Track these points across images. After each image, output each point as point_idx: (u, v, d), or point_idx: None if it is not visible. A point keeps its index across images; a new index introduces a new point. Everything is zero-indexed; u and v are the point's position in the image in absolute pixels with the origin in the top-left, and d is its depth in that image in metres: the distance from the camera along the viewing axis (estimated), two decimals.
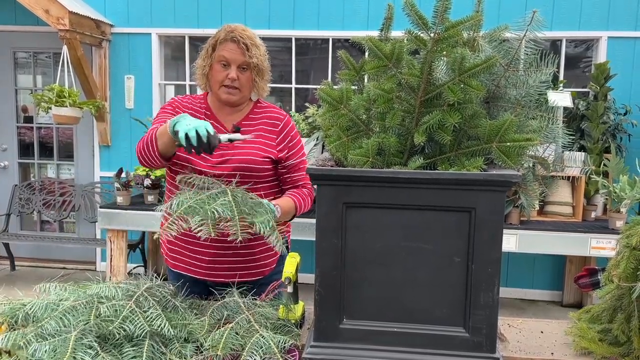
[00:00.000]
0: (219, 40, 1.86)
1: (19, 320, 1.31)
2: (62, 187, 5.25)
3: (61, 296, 1.38)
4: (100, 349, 1.22)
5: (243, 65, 1.85)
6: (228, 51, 1.84)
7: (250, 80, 1.88)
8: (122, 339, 1.27)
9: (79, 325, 1.24)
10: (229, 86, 1.85)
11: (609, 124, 4.24)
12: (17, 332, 1.24)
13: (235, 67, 1.84)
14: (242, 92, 1.89)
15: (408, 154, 1.34)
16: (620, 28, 4.51)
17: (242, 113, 1.95)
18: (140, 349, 1.24)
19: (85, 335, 1.23)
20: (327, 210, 1.27)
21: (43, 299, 1.35)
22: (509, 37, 1.39)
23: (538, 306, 4.74)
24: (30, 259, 5.47)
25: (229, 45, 1.84)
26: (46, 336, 1.21)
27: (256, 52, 1.85)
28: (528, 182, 1.50)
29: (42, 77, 5.42)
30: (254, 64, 1.85)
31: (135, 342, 1.27)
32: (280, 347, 1.32)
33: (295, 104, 5.03)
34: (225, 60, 1.84)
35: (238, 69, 1.85)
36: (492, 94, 1.41)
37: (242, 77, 1.86)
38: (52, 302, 1.33)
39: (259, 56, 1.86)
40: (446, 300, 1.27)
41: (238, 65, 1.85)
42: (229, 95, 1.87)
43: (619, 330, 1.42)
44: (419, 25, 1.26)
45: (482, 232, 1.23)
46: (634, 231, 1.42)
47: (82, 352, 1.18)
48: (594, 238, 3.79)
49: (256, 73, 1.88)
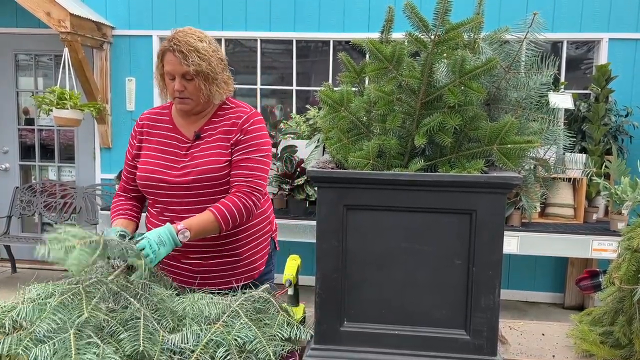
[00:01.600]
0: (163, 51, 1.78)
1: (7, 325, 1.27)
2: (63, 189, 5.25)
3: (46, 293, 1.35)
4: (100, 341, 1.21)
5: (185, 74, 1.75)
6: (168, 63, 1.76)
7: (198, 88, 1.77)
8: (116, 325, 1.26)
9: (73, 320, 1.23)
10: (179, 97, 1.79)
11: (610, 125, 4.23)
12: (11, 337, 1.21)
13: (178, 78, 1.76)
14: (195, 100, 1.79)
15: (409, 156, 1.34)
16: (622, 30, 4.50)
17: (205, 118, 1.87)
18: (136, 332, 1.24)
19: (82, 331, 1.21)
20: (327, 213, 1.27)
21: (28, 301, 1.32)
22: (510, 39, 1.39)
23: (539, 308, 4.73)
24: (32, 261, 5.47)
25: (168, 57, 1.76)
26: (42, 338, 1.20)
27: (195, 58, 1.72)
28: (529, 184, 1.50)
29: (43, 80, 5.43)
30: (196, 72, 1.73)
31: (130, 325, 1.27)
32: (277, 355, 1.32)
33: (296, 106, 5.03)
34: (169, 72, 1.77)
35: (182, 79, 1.76)
36: (493, 96, 1.41)
37: (188, 86, 1.76)
38: (38, 302, 1.30)
39: (199, 62, 1.72)
40: (447, 302, 1.27)
41: (181, 75, 1.75)
42: (182, 105, 1.81)
43: (620, 332, 1.42)
44: (420, 27, 1.26)
45: (482, 235, 1.23)
46: (635, 233, 1.42)
47: (85, 350, 1.17)
48: (596, 240, 3.78)
49: (204, 79, 1.75)
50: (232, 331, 1.29)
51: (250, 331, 1.30)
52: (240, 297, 1.43)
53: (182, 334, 1.27)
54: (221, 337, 1.27)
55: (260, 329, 1.32)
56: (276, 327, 1.36)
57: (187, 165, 1.81)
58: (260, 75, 5.05)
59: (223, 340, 1.27)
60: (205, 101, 1.82)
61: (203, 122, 1.87)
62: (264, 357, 1.27)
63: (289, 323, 1.38)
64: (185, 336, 1.26)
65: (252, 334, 1.30)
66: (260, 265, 1.97)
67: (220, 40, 4.94)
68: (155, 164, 1.84)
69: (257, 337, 1.29)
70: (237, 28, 4.91)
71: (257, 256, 1.95)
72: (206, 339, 1.26)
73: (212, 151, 1.81)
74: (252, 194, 1.78)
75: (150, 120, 1.93)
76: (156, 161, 1.85)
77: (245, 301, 1.41)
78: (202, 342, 1.26)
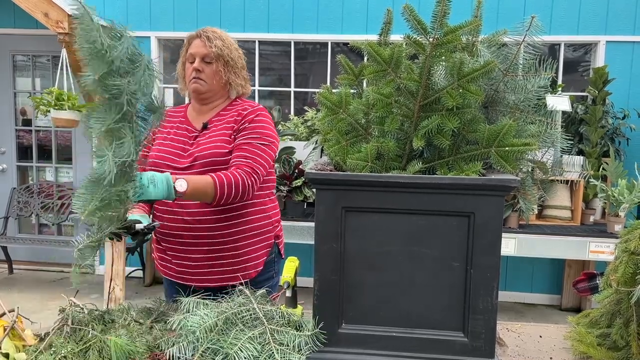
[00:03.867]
0: (190, 39, 1.94)
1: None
2: (61, 190, 5.24)
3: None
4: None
5: (206, 57, 1.89)
6: (193, 46, 1.92)
7: (215, 72, 1.90)
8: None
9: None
10: (195, 77, 1.90)
11: (608, 128, 4.25)
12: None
13: (199, 60, 1.90)
14: (209, 83, 1.91)
15: (407, 158, 1.35)
16: (619, 32, 4.52)
17: (215, 111, 1.97)
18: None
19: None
20: (326, 215, 1.27)
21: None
22: (508, 42, 1.40)
23: (537, 310, 4.74)
24: (28, 262, 5.46)
25: (194, 42, 1.92)
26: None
27: (218, 42, 1.88)
28: (527, 186, 1.50)
29: (41, 80, 5.42)
30: (216, 54, 1.88)
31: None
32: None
33: (294, 108, 5.03)
34: (192, 56, 1.91)
35: (202, 61, 1.90)
36: (491, 99, 1.41)
37: (206, 69, 1.90)
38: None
39: (222, 47, 1.89)
40: (445, 304, 1.27)
41: (201, 57, 1.89)
42: (196, 84, 1.91)
43: (617, 334, 1.42)
44: (418, 30, 1.26)
45: (480, 237, 1.23)
46: (632, 235, 1.42)
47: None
48: (593, 242, 3.79)
49: (223, 64, 1.90)
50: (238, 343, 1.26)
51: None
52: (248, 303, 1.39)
53: (179, 345, 1.25)
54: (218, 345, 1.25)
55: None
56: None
57: (192, 152, 1.88)
58: (258, 76, 5.05)
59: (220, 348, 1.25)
60: (220, 88, 1.93)
61: (212, 115, 1.96)
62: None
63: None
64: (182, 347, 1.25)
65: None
66: (259, 265, 1.97)
67: None
68: (165, 150, 1.92)
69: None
70: (235, 29, 4.91)
71: (256, 254, 1.96)
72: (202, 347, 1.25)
73: (216, 138, 1.87)
74: (252, 175, 1.80)
75: (169, 115, 2.03)
76: (166, 148, 1.92)
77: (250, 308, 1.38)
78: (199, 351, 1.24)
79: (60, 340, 1.28)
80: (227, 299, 1.40)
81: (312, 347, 1.27)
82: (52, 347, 1.27)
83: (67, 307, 1.40)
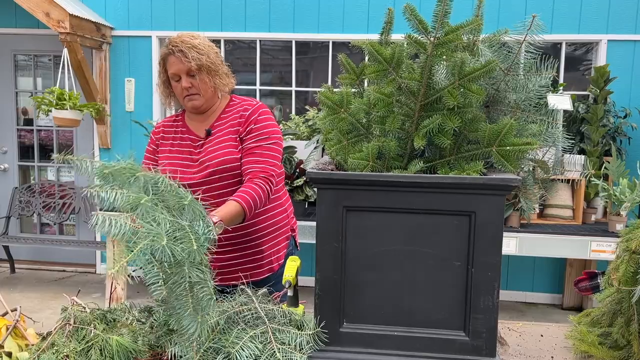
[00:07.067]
0: (164, 57, 1.89)
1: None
2: (62, 189, 5.25)
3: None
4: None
5: (189, 72, 1.85)
6: (171, 66, 1.87)
7: (205, 83, 1.87)
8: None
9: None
10: (188, 94, 1.88)
11: (609, 127, 4.24)
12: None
13: (184, 77, 1.86)
14: (204, 95, 1.89)
15: (408, 157, 1.35)
16: (620, 31, 4.52)
17: (215, 115, 1.96)
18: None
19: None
20: (327, 214, 1.27)
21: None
22: (509, 41, 1.40)
23: (538, 309, 4.74)
24: (30, 262, 5.47)
25: (170, 60, 1.87)
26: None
27: (194, 54, 1.83)
28: (528, 186, 1.50)
29: (43, 80, 5.43)
30: (198, 66, 1.83)
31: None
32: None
33: (295, 107, 5.03)
34: (175, 75, 1.88)
35: (187, 77, 1.86)
36: (492, 98, 1.41)
37: (195, 83, 1.87)
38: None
39: (199, 56, 1.83)
40: (446, 303, 1.27)
41: (185, 73, 1.85)
42: (192, 101, 1.89)
43: (618, 334, 1.42)
44: (419, 29, 1.26)
45: (481, 236, 1.23)
46: (633, 235, 1.42)
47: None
48: (594, 241, 3.79)
49: (207, 73, 1.86)
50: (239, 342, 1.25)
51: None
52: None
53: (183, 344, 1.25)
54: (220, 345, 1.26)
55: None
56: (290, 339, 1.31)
57: (202, 160, 1.87)
58: (260, 75, 5.05)
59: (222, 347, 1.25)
60: (212, 95, 1.91)
61: (213, 120, 1.95)
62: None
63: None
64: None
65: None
66: (280, 258, 2.02)
67: (219, 41, 4.95)
68: (172, 164, 1.91)
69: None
70: (236, 29, 4.91)
71: (277, 248, 2.00)
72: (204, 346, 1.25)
73: (225, 144, 1.88)
74: (269, 180, 1.82)
75: (165, 127, 2.02)
76: (173, 161, 1.92)
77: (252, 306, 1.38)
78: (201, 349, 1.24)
79: (62, 339, 1.29)
80: (228, 298, 1.41)
81: (313, 346, 1.28)
82: (55, 346, 1.28)
83: (69, 307, 1.41)
